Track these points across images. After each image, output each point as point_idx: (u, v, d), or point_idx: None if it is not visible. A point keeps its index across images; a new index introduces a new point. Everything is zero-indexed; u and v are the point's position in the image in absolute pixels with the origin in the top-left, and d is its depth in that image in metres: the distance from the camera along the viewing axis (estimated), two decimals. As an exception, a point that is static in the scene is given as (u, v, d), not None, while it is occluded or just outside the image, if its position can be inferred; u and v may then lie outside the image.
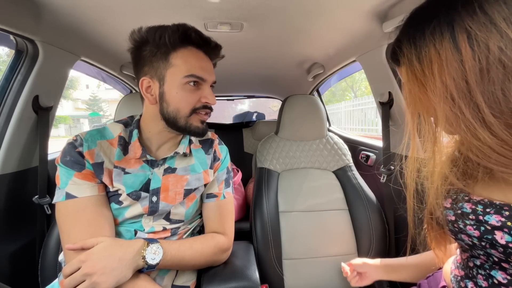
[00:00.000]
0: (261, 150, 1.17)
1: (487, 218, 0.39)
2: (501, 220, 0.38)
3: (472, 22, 0.32)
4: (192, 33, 0.59)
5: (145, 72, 0.61)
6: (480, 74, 0.33)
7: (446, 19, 0.34)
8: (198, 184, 0.69)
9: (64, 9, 0.75)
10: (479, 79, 0.33)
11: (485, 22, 0.32)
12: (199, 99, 0.62)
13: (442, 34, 0.34)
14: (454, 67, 0.34)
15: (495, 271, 0.41)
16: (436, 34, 0.35)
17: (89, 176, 0.59)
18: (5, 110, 0.83)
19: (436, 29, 0.35)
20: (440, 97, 0.36)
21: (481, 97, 0.33)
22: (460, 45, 0.33)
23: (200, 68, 0.60)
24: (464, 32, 0.33)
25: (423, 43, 0.36)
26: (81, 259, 0.50)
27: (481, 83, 0.33)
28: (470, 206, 0.42)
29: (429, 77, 0.37)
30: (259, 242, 0.95)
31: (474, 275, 0.44)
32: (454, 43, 0.34)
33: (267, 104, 4.90)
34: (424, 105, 0.40)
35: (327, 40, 1.05)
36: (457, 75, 0.34)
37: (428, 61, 0.36)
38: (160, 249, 0.57)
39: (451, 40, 0.34)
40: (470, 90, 0.34)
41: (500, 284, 0.39)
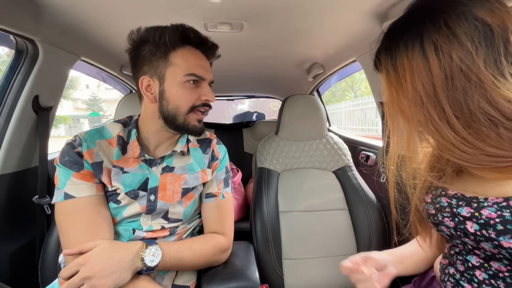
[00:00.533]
0: (261, 150, 1.17)
1: (460, 210, 0.45)
2: (471, 211, 0.43)
3: (438, 35, 0.37)
4: (190, 33, 0.61)
5: (145, 71, 0.61)
6: (445, 80, 0.37)
7: (417, 32, 0.39)
8: (196, 183, 0.69)
9: (64, 9, 0.75)
10: (444, 85, 0.38)
11: (449, 35, 0.36)
12: (199, 97, 0.63)
13: (413, 45, 0.39)
14: (423, 75, 0.39)
15: (470, 256, 0.47)
16: (408, 46, 0.40)
17: (87, 176, 0.59)
18: (5, 110, 0.83)
19: (408, 41, 0.40)
20: (411, 101, 0.41)
21: (446, 100, 0.38)
22: (428, 55, 0.38)
23: (199, 67, 0.62)
24: (431, 44, 0.38)
25: (397, 53, 0.42)
26: (79, 262, 0.50)
27: (445, 89, 0.38)
28: (446, 200, 0.48)
29: (402, 83, 0.41)
30: (259, 242, 0.95)
31: (454, 261, 0.50)
32: (423, 53, 0.38)
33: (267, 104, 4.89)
34: (400, 109, 0.44)
35: (327, 40, 1.05)
36: (426, 81, 0.39)
37: (401, 69, 0.41)
38: (159, 251, 0.56)
39: (420, 50, 0.39)
40: (437, 95, 0.38)
41: (474, 267, 0.46)
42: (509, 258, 0.39)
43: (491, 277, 0.43)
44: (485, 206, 0.41)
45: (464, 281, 0.47)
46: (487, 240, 0.40)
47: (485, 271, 0.44)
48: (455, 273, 0.49)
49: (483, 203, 0.42)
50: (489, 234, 0.40)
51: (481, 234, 0.41)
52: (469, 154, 0.39)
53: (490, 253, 0.42)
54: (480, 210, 0.42)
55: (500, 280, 0.42)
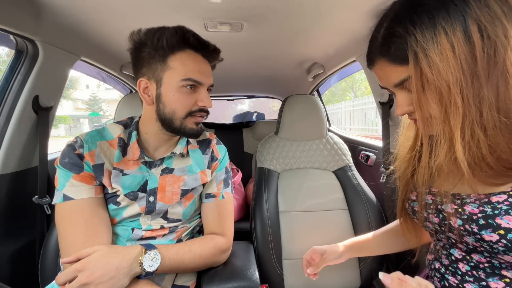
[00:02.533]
0: (261, 150, 1.17)
1: (444, 206, 0.47)
2: (454, 207, 0.45)
3: (482, 15, 0.35)
4: (190, 37, 0.59)
5: (143, 73, 0.61)
6: (487, 65, 0.36)
7: (457, 10, 0.36)
8: (196, 184, 0.69)
9: (64, 9, 0.75)
10: (487, 71, 0.36)
11: (492, 15, 0.35)
12: (195, 102, 0.62)
13: (454, 24, 0.36)
14: (465, 59, 0.36)
15: (453, 249, 0.49)
16: (448, 24, 0.36)
17: (87, 178, 0.59)
18: (5, 110, 0.83)
19: (447, 19, 0.36)
20: (447, 91, 0.38)
21: (486, 88, 0.36)
22: (473, 37, 0.35)
23: (197, 72, 0.60)
24: (475, 25, 0.35)
25: (435, 32, 0.37)
26: (77, 268, 0.49)
27: (487, 75, 0.36)
28: (431, 197, 0.50)
29: (439, 70, 0.37)
30: (259, 242, 0.95)
31: (440, 255, 0.53)
32: (466, 34, 0.36)
33: (267, 104, 4.90)
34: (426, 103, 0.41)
35: (327, 40, 1.05)
36: (467, 67, 0.36)
37: (439, 51, 0.37)
38: (158, 256, 0.56)
39: (462, 31, 0.36)
40: (477, 81, 0.36)
41: (457, 259, 0.48)
42: (489, 250, 0.42)
43: (472, 268, 0.46)
44: (467, 202, 0.44)
45: (449, 274, 0.50)
46: (470, 234, 0.43)
47: (467, 263, 0.47)
48: (440, 267, 0.52)
49: (465, 200, 0.44)
50: (472, 229, 0.42)
51: (464, 228, 0.43)
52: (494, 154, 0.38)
53: (472, 246, 0.44)
54: (464, 206, 0.44)
55: (481, 270, 0.45)
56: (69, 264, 0.51)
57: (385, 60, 0.43)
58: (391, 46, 0.41)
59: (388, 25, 0.41)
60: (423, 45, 0.37)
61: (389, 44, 0.41)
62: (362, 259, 0.97)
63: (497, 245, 0.40)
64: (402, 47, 0.39)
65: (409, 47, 0.38)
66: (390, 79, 0.44)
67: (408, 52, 0.38)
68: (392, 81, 0.43)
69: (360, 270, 0.97)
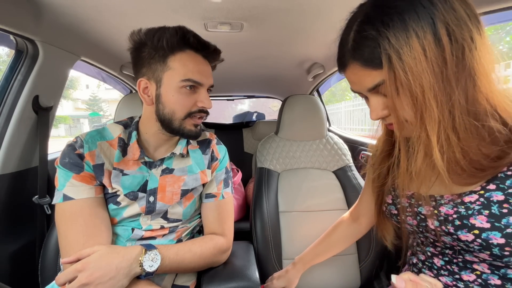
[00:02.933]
0: (261, 150, 1.17)
1: (420, 209, 0.48)
2: (430, 209, 0.46)
3: (449, 17, 0.36)
4: (190, 37, 0.59)
5: (143, 73, 0.61)
6: (456, 68, 0.37)
7: (425, 12, 0.36)
8: (196, 184, 0.69)
9: (64, 9, 0.75)
10: (456, 73, 0.37)
11: (457, 18, 0.36)
12: (195, 102, 0.62)
13: (424, 27, 0.35)
14: (436, 62, 0.36)
15: (429, 247, 0.52)
16: (419, 26, 0.36)
17: (87, 178, 0.59)
18: (5, 110, 0.83)
19: (417, 20, 0.36)
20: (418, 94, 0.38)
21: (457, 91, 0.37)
22: (442, 39, 0.35)
23: (197, 72, 0.60)
24: (444, 27, 0.35)
25: (407, 34, 0.36)
26: (77, 268, 0.49)
27: (456, 78, 0.37)
28: (406, 200, 0.51)
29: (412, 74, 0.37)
30: (259, 242, 0.95)
31: (417, 251, 0.55)
32: (436, 36, 0.35)
33: (267, 104, 4.90)
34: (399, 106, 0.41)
35: (327, 40, 1.05)
36: (438, 70, 0.37)
37: (412, 55, 0.36)
38: (158, 256, 0.56)
39: (432, 33, 0.35)
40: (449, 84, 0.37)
41: (433, 255, 0.51)
42: (465, 249, 0.43)
43: (446, 263, 0.48)
44: (442, 203, 0.45)
45: (426, 268, 0.52)
46: (447, 234, 0.45)
47: (442, 258, 0.49)
48: (418, 262, 0.55)
49: (440, 201, 0.46)
50: (448, 229, 0.44)
51: (441, 229, 0.45)
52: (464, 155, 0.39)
53: (449, 245, 0.46)
54: (439, 208, 0.45)
55: (454, 265, 0.47)
56: (69, 264, 0.51)
57: (358, 64, 0.41)
58: (364, 49, 0.39)
59: (359, 27, 0.40)
60: (397, 48, 0.36)
61: (361, 47, 0.39)
62: (362, 259, 0.97)
63: (473, 244, 0.41)
64: (376, 51, 0.38)
65: (382, 51, 0.37)
66: (364, 84, 0.42)
67: (382, 55, 0.37)
68: (365, 85, 0.42)
69: (360, 270, 0.97)
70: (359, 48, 0.40)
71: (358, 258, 0.98)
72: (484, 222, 0.40)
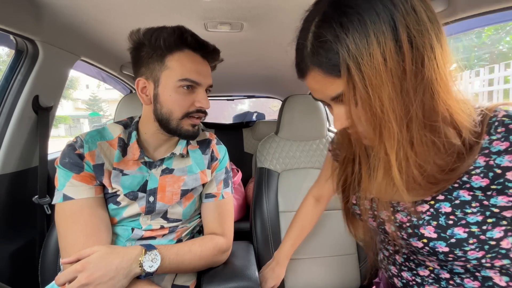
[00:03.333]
0: (261, 150, 1.17)
1: (380, 213, 0.50)
2: (388, 215, 0.48)
3: (410, 21, 0.33)
4: (188, 36, 0.59)
5: (142, 72, 0.61)
6: (414, 78, 0.34)
7: (386, 13, 0.32)
8: (195, 184, 0.69)
9: (64, 9, 0.75)
10: (415, 83, 0.35)
11: (418, 22, 0.32)
12: (193, 103, 0.62)
13: (385, 31, 0.32)
14: (396, 71, 0.33)
15: (389, 246, 0.56)
16: (380, 30, 0.32)
17: (87, 178, 0.59)
18: (5, 110, 0.83)
19: (378, 23, 0.32)
20: (379, 106, 0.35)
21: (415, 102, 0.35)
22: (403, 46, 0.32)
23: (195, 72, 0.60)
24: (405, 32, 0.33)
25: (368, 40, 0.32)
26: (77, 268, 0.49)
27: (415, 88, 0.35)
28: (368, 203, 0.52)
29: (374, 84, 0.34)
30: (259, 242, 0.95)
31: (381, 247, 0.59)
32: (397, 43, 0.32)
33: (267, 104, 4.90)
34: (360, 118, 0.39)
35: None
36: (397, 79, 0.34)
37: (373, 63, 0.33)
38: (158, 256, 0.56)
39: (394, 39, 0.32)
40: (407, 95, 0.34)
41: (395, 252, 0.54)
42: (416, 252, 0.47)
43: (405, 260, 0.52)
44: (398, 210, 0.47)
45: (390, 263, 0.56)
46: (401, 239, 0.47)
47: (401, 256, 0.53)
48: (383, 258, 0.59)
49: (396, 207, 0.47)
50: (402, 236, 0.47)
51: (396, 234, 0.48)
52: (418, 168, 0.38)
53: (405, 247, 0.50)
54: (395, 214, 0.47)
55: (411, 262, 0.51)
56: (69, 264, 0.51)
57: (319, 71, 0.37)
58: (323, 55, 0.35)
59: (317, 30, 0.36)
60: (356, 57, 0.32)
61: (321, 53, 0.35)
62: (362, 259, 0.97)
63: (422, 250, 0.44)
64: (335, 57, 0.34)
65: (341, 59, 0.33)
66: (326, 92, 0.39)
67: (340, 64, 0.34)
68: (328, 94, 0.39)
69: (360, 270, 0.97)
70: (319, 54, 0.36)
71: (358, 258, 0.98)
72: (432, 232, 0.42)
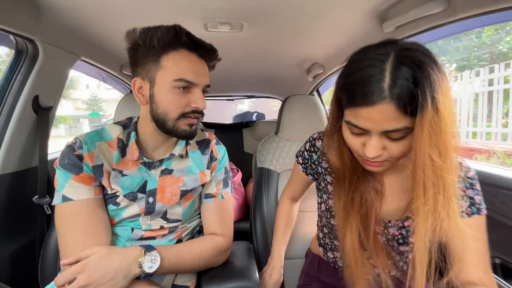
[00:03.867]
0: (261, 150, 1.17)
1: (376, 228, 0.56)
2: (381, 229, 0.57)
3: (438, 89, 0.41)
4: (183, 35, 0.58)
5: (138, 72, 0.61)
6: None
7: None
8: (195, 184, 0.69)
9: (64, 9, 0.75)
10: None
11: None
12: (189, 103, 0.61)
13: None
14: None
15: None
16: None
17: (86, 179, 0.59)
18: (5, 110, 0.83)
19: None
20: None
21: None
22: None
23: (191, 72, 0.59)
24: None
25: (437, 81, 0.39)
26: (76, 270, 0.49)
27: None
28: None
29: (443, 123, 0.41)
30: (259, 242, 0.95)
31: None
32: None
33: (267, 104, 4.90)
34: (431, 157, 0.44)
35: (327, 40, 1.05)
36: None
37: (440, 106, 0.40)
38: (157, 257, 0.55)
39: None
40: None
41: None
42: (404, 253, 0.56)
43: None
44: (390, 226, 0.56)
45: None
46: (391, 247, 0.56)
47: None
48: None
49: (388, 224, 0.56)
50: (393, 245, 0.56)
51: (387, 244, 0.57)
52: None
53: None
54: (388, 229, 0.56)
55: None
56: (69, 265, 0.51)
57: (393, 104, 0.39)
58: (404, 91, 0.38)
59: (396, 66, 0.39)
60: (433, 94, 0.38)
61: (401, 88, 0.38)
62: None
63: (405, 250, 0.55)
64: (413, 95, 0.38)
65: (420, 97, 0.38)
66: (385, 125, 0.41)
67: (419, 101, 0.38)
68: (386, 127, 0.41)
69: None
70: (399, 88, 0.38)
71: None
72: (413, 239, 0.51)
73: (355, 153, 0.51)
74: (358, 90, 0.42)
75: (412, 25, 0.76)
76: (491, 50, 5.23)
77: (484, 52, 5.30)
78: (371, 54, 0.42)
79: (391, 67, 0.40)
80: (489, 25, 0.72)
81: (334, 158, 0.56)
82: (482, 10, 0.61)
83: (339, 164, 0.56)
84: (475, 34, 5.27)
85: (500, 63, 3.81)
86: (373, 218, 0.53)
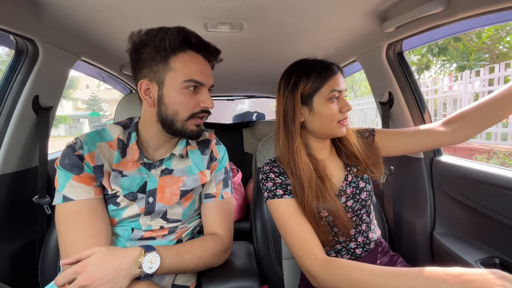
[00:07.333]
0: (261, 150, 1.17)
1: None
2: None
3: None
4: (192, 38, 0.59)
5: (144, 74, 0.61)
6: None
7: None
8: (195, 184, 0.69)
9: (64, 9, 0.75)
10: None
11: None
12: (198, 103, 0.62)
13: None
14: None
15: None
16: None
17: (86, 179, 0.59)
18: (5, 110, 0.83)
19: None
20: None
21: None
22: None
23: (199, 73, 0.60)
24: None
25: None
26: (76, 270, 0.49)
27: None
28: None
29: None
30: (259, 242, 0.95)
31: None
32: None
33: (267, 104, 4.91)
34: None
35: (327, 40, 1.05)
36: None
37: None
38: (157, 257, 0.55)
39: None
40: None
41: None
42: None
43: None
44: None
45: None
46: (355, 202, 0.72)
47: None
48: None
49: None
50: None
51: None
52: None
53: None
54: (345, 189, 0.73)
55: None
56: (69, 265, 0.51)
57: (340, 72, 0.71)
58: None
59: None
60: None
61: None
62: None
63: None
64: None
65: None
66: (343, 85, 0.69)
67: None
68: (344, 86, 0.69)
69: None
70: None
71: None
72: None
73: (333, 123, 0.67)
74: (325, 69, 0.70)
75: (412, 25, 0.76)
76: (491, 50, 5.23)
77: (484, 52, 5.30)
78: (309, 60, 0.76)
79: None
80: (489, 25, 0.72)
81: (299, 160, 0.67)
82: (482, 10, 0.61)
83: (303, 164, 0.67)
84: (475, 34, 5.27)
85: (500, 63, 3.81)
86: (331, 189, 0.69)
